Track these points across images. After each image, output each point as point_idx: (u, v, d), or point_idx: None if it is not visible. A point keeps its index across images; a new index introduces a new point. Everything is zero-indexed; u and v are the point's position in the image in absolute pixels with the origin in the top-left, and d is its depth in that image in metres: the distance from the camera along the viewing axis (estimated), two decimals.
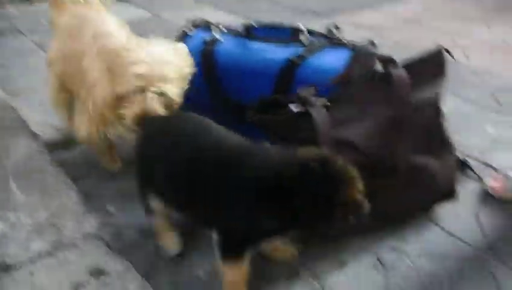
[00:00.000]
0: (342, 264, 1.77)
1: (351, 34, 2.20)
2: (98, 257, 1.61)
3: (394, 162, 1.73)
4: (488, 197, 2.07)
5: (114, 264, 1.58)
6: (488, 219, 1.95)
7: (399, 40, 3.62)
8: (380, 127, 1.73)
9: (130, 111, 1.70)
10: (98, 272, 1.55)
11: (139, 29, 3.74)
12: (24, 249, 1.64)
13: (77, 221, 1.74)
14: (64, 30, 2.16)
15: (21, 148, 2.14)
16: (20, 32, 4.02)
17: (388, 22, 3.95)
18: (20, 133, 2.25)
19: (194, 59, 2.00)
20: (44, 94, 2.91)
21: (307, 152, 1.41)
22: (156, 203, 1.61)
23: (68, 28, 2.15)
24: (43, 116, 2.69)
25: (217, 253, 1.50)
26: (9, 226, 1.73)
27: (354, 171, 1.41)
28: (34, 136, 2.24)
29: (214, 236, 1.48)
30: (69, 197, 1.90)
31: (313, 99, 1.76)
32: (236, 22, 2.34)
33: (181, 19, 3.91)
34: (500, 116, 2.72)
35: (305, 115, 1.74)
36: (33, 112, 2.75)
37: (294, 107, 1.75)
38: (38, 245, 1.65)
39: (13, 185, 1.92)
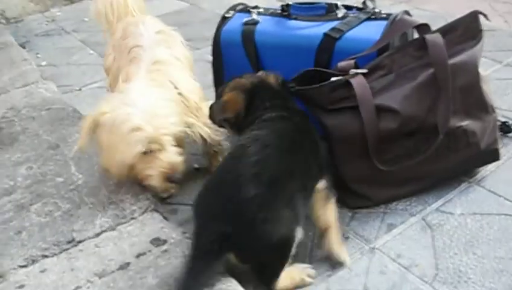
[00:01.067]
0: (389, 227, 1.82)
1: (387, 8, 2.23)
2: (157, 228, 1.71)
3: (435, 124, 1.77)
4: None
5: (172, 234, 1.67)
6: None
7: (435, 9, 3.61)
8: (419, 90, 1.77)
9: (154, 171, 1.77)
10: (157, 241, 1.65)
11: (178, 19, 3.86)
12: (89, 224, 1.75)
13: (136, 198, 1.84)
14: (117, 32, 2.27)
15: (78, 136, 2.25)
16: (66, 32, 4.17)
17: None
18: (75, 123, 2.37)
19: (235, 40, 2.08)
20: (92, 88, 3.07)
21: None
22: None
23: (121, 34, 2.24)
24: (93, 109, 2.82)
25: None
26: (75, 205, 1.85)
27: None
28: None
29: None
30: None
31: (352, 69, 1.83)
32: (274, 5, 2.40)
33: (218, 6, 4.02)
34: None
35: (346, 85, 1.80)
36: (83, 104, 2.89)
37: (334, 78, 1.82)
38: (101, 221, 1.76)
39: (73, 169, 2.04)
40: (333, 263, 1.70)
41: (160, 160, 1.74)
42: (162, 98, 1.82)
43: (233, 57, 2.18)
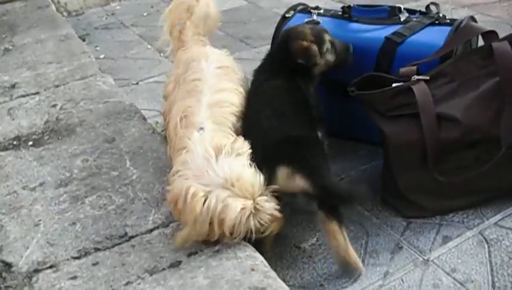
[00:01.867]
0: (445, 239, 1.78)
1: (448, 12, 2.18)
2: None
3: (498, 136, 1.71)
4: None
5: None
6: None
7: (500, 15, 3.50)
8: (482, 100, 1.73)
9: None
10: (210, 241, 1.64)
11: (236, 17, 3.88)
12: (142, 219, 1.77)
13: None
14: (181, 66, 2.17)
15: (134, 130, 2.27)
16: (124, 26, 4.23)
17: None
18: (132, 117, 2.39)
19: None
20: (149, 83, 3.10)
21: None
22: None
23: (183, 68, 2.13)
24: (149, 103, 2.86)
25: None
26: (128, 200, 1.86)
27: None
28: (144, 120, 2.38)
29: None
30: None
31: (414, 76, 1.79)
32: (334, 6, 2.37)
33: (277, 5, 4.02)
34: None
35: (407, 92, 1.76)
36: (139, 98, 2.92)
37: (396, 84, 1.78)
38: (154, 217, 1.77)
39: (128, 163, 2.06)
40: (385, 272, 1.67)
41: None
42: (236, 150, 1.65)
43: None
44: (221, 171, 1.55)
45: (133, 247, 1.66)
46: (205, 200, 1.52)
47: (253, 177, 1.56)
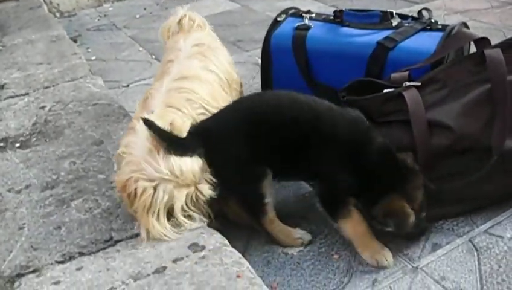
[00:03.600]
0: (434, 246, 1.76)
1: (441, 18, 2.17)
2: (196, 234, 1.67)
3: (489, 143, 1.69)
4: None
5: (210, 240, 1.64)
6: None
7: (492, 21, 3.50)
8: (474, 107, 1.71)
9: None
10: (195, 247, 1.61)
11: (228, 20, 3.86)
12: (128, 224, 1.74)
13: None
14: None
15: (122, 133, 2.24)
16: (117, 27, 4.21)
17: (482, 5, 3.82)
18: (120, 120, 2.37)
19: (286, 44, 2.05)
20: (139, 85, 3.08)
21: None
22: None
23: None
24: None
25: (328, 216, 1.76)
26: (115, 204, 1.84)
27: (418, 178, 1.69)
28: None
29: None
30: None
31: (406, 82, 1.77)
32: (327, 10, 2.36)
33: (270, 9, 4.00)
34: None
35: (398, 98, 1.74)
36: (129, 101, 2.90)
37: (387, 90, 1.76)
38: None
39: (116, 166, 2.03)
40: (373, 280, 1.65)
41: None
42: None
43: (282, 61, 2.15)
44: (165, 164, 1.66)
45: (118, 252, 1.64)
46: (153, 193, 1.66)
47: (193, 167, 1.68)
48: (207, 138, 1.74)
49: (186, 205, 1.69)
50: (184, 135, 1.72)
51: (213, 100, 1.92)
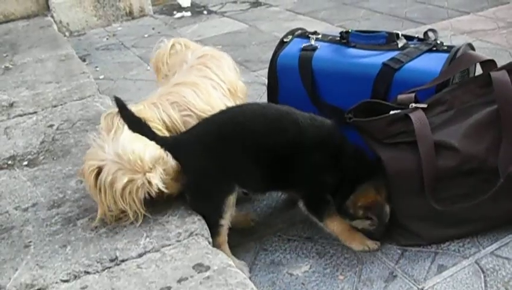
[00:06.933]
0: (440, 268, 1.75)
1: (447, 39, 2.18)
2: (201, 254, 1.67)
3: (496, 165, 1.69)
4: None
5: (215, 261, 1.64)
6: None
7: (499, 42, 3.50)
8: (480, 129, 1.71)
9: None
10: (200, 267, 1.61)
11: (236, 40, 3.88)
12: (133, 244, 1.74)
13: (182, 220, 1.82)
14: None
15: None
16: (125, 47, 4.24)
17: (489, 25, 3.83)
18: None
19: (292, 65, 2.06)
20: None
21: None
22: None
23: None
24: None
25: (314, 218, 1.87)
26: (120, 223, 1.83)
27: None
28: None
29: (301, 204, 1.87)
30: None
31: (412, 103, 1.77)
32: (334, 31, 2.37)
33: (277, 29, 4.03)
34: None
35: (405, 119, 1.74)
36: None
37: (393, 112, 1.76)
38: (145, 241, 1.74)
39: None
40: None
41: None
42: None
43: (289, 82, 2.15)
44: (116, 147, 1.74)
45: (123, 271, 1.64)
46: (99, 174, 1.75)
47: (142, 153, 1.73)
48: (181, 146, 1.79)
49: (129, 191, 1.73)
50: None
51: (207, 106, 1.97)
